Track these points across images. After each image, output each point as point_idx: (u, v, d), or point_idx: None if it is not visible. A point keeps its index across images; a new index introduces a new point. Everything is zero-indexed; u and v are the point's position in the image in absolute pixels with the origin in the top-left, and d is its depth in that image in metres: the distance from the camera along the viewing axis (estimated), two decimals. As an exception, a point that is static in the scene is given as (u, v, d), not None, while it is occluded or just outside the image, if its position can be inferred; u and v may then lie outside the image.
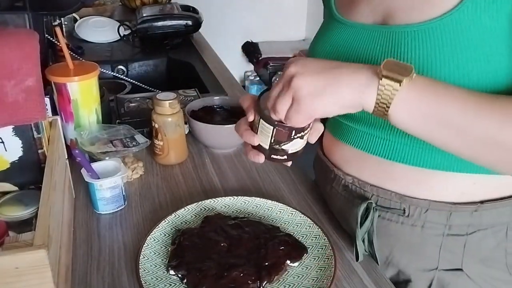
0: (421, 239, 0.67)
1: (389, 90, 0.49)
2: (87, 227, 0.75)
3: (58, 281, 0.52)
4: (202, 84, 1.38)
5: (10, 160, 0.68)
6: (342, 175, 0.72)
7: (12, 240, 0.54)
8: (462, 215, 0.64)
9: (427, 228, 0.66)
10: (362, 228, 0.68)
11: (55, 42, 1.22)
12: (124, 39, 1.74)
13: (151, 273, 0.63)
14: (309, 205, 0.81)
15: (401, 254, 0.70)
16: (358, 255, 0.67)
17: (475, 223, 0.64)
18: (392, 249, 0.70)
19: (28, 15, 0.91)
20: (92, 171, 0.77)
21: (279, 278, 0.62)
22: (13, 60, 0.63)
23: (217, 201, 0.78)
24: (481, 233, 0.65)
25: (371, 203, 0.67)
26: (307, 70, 0.53)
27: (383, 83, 0.49)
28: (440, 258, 0.67)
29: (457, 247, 0.66)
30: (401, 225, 0.67)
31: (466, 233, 0.65)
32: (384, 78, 0.49)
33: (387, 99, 0.50)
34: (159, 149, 0.92)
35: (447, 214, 0.64)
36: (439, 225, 0.65)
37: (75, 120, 0.89)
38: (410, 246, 0.68)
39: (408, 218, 0.66)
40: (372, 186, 0.67)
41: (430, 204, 0.64)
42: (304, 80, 0.52)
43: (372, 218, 0.67)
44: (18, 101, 0.64)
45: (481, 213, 0.63)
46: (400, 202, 0.66)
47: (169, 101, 0.88)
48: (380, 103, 0.50)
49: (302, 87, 0.52)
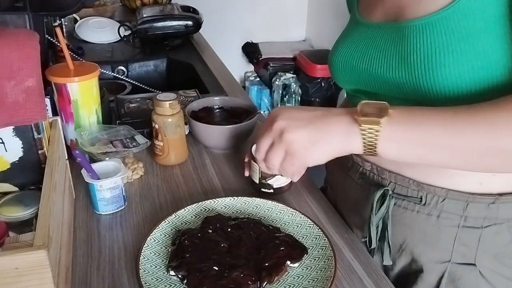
0: (436, 229, 0.67)
1: (372, 133, 0.52)
2: (87, 228, 0.75)
3: (58, 281, 0.52)
4: (202, 85, 1.38)
5: (10, 160, 0.68)
6: (360, 162, 0.73)
7: (12, 241, 0.54)
8: (478, 207, 0.64)
9: (443, 218, 0.66)
10: (377, 215, 0.68)
11: (55, 42, 1.22)
12: (124, 40, 1.74)
13: (151, 273, 0.63)
14: (309, 205, 0.81)
15: (415, 243, 0.69)
16: (371, 241, 0.67)
17: (491, 216, 0.64)
18: (406, 237, 0.70)
19: (29, 16, 0.91)
20: (92, 172, 0.77)
21: (279, 279, 0.62)
22: (13, 61, 0.63)
23: (217, 201, 0.78)
24: (496, 227, 0.65)
25: (387, 190, 0.68)
26: (295, 124, 0.56)
27: (364, 127, 0.52)
28: (453, 251, 0.67)
29: (472, 240, 0.66)
30: (417, 214, 0.67)
31: (481, 226, 0.65)
32: (362, 124, 0.52)
33: (372, 141, 0.53)
34: (159, 149, 0.92)
35: (464, 205, 0.64)
36: (455, 216, 0.65)
37: (75, 120, 0.89)
38: (425, 236, 0.68)
39: (425, 206, 0.66)
40: (391, 173, 0.68)
41: (448, 193, 0.64)
42: (296, 134, 0.56)
43: (388, 205, 0.68)
44: (18, 101, 0.64)
45: (498, 206, 0.64)
46: (418, 190, 0.66)
47: (169, 102, 0.88)
48: (367, 145, 0.53)
49: (294, 141, 0.56)
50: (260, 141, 0.61)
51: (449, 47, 0.56)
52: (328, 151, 0.56)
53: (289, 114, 0.58)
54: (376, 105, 0.54)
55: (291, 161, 0.58)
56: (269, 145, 0.59)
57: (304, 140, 0.56)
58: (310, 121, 0.56)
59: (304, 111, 0.58)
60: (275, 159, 0.59)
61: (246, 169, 0.82)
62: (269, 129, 0.59)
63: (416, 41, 0.58)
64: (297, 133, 0.56)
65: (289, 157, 0.57)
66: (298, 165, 0.58)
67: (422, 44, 0.57)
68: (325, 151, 0.56)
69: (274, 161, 0.59)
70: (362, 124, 0.53)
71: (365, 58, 0.66)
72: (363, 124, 0.53)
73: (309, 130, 0.56)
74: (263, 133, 0.60)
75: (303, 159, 0.57)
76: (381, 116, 0.52)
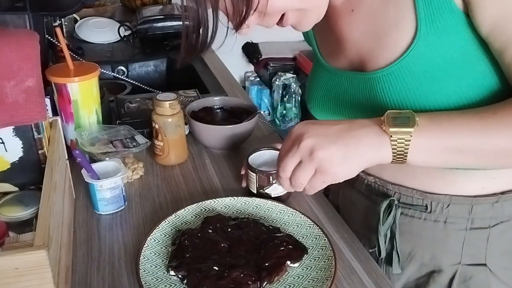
0: (444, 235, 0.67)
1: (402, 142, 0.53)
2: (87, 228, 0.75)
3: (58, 281, 0.52)
4: (202, 85, 1.38)
5: (11, 160, 0.68)
6: (364, 175, 0.74)
7: (12, 241, 0.54)
8: (483, 207, 0.65)
9: (450, 223, 0.67)
10: (385, 225, 0.69)
11: (55, 42, 1.22)
12: (124, 40, 1.74)
13: (151, 273, 0.63)
14: (309, 205, 0.81)
15: (424, 250, 0.70)
16: (381, 251, 0.68)
17: (497, 215, 0.66)
18: (414, 245, 0.71)
19: (29, 16, 0.91)
20: (93, 172, 0.77)
21: (279, 279, 0.62)
22: (13, 61, 0.63)
23: (217, 201, 0.78)
24: (503, 225, 0.66)
25: (393, 200, 0.69)
26: (324, 140, 0.55)
27: (394, 138, 0.52)
28: (463, 253, 0.68)
29: (480, 241, 0.67)
30: (424, 221, 0.68)
31: (489, 226, 0.66)
32: (393, 134, 0.52)
33: (402, 150, 0.53)
34: (159, 149, 0.92)
35: (468, 208, 0.65)
36: (461, 219, 0.66)
37: (75, 120, 0.89)
38: (433, 242, 0.69)
39: (431, 214, 0.68)
40: (394, 185, 0.69)
41: (451, 199, 0.66)
42: (327, 151, 0.55)
43: (395, 215, 0.69)
44: (18, 101, 0.64)
45: (502, 204, 0.65)
46: (422, 199, 0.67)
47: (169, 102, 0.88)
48: (397, 155, 0.54)
49: (326, 158, 0.55)
50: (286, 160, 0.59)
51: (415, 91, 0.57)
52: (359, 164, 0.56)
53: (315, 131, 0.57)
54: (402, 114, 0.54)
55: (322, 179, 0.57)
56: (296, 164, 0.58)
57: (336, 156, 0.55)
58: (338, 136, 0.55)
59: (329, 126, 0.57)
60: (304, 177, 0.58)
61: (243, 180, 0.82)
62: (295, 147, 0.58)
63: (383, 90, 0.59)
64: (328, 151, 0.55)
65: (320, 174, 0.57)
66: (329, 182, 0.57)
67: (390, 92, 0.59)
68: (356, 165, 0.56)
69: (303, 180, 0.58)
70: (393, 135, 0.53)
71: (340, 104, 0.68)
72: (393, 135, 0.53)
73: (339, 145, 0.55)
74: (287, 152, 0.59)
75: (335, 176, 0.56)
76: (411, 126, 0.52)
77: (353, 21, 0.64)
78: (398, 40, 0.58)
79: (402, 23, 0.57)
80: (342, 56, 0.68)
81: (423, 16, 0.55)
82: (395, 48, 0.59)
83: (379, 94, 0.60)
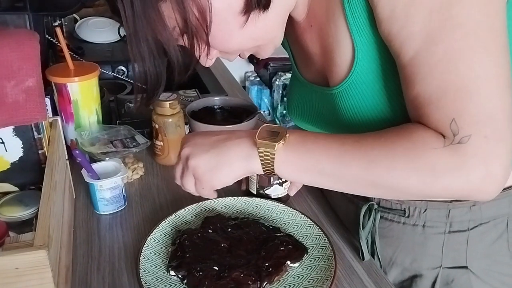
0: (424, 238, 0.67)
1: (268, 155, 0.56)
2: (87, 228, 0.75)
3: (58, 281, 0.52)
4: (203, 85, 1.38)
5: (11, 160, 0.68)
6: None
7: (12, 241, 0.54)
8: (461, 211, 0.65)
9: (428, 227, 0.67)
10: (365, 229, 0.69)
11: (55, 42, 1.22)
12: (124, 40, 1.73)
13: (151, 273, 0.63)
14: (309, 205, 0.81)
15: (404, 254, 0.70)
16: (364, 255, 0.68)
17: (475, 217, 0.65)
18: (395, 250, 0.71)
19: (29, 16, 0.91)
20: (93, 172, 0.77)
21: (279, 279, 0.62)
22: (13, 61, 0.63)
23: (217, 201, 0.78)
24: (483, 227, 0.66)
25: (372, 204, 0.69)
26: (198, 150, 0.61)
27: (261, 151, 0.56)
28: (443, 256, 0.67)
29: (460, 244, 0.66)
30: (403, 225, 0.68)
31: (467, 229, 0.66)
32: (260, 147, 0.56)
33: (269, 163, 0.56)
34: (160, 149, 0.92)
35: (446, 212, 0.65)
36: (440, 223, 0.66)
37: (76, 120, 0.89)
38: (413, 246, 0.69)
39: (409, 218, 0.68)
40: None
41: (427, 204, 0.66)
42: (198, 160, 0.60)
43: (374, 219, 0.69)
44: (18, 101, 0.64)
45: (480, 206, 0.65)
46: (400, 203, 0.68)
47: (169, 102, 0.88)
48: (265, 167, 0.57)
49: (198, 166, 0.60)
50: (174, 169, 0.65)
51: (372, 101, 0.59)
52: (232, 173, 0.59)
53: (194, 141, 0.62)
54: (275, 129, 0.57)
55: (201, 185, 0.62)
56: (181, 172, 0.63)
57: (206, 164, 0.59)
58: (212, 146, 0.60)
59: (208, 137, 0.62)
60: (188, 184, 0.63)
61: (243, 183, 0.82)
62: (179, 156, 0.64)
63: (343, 105, 0.62)
64: (198, 159, 0.60)
65: (198, 181, 0.61)
66: (208, 188, 0.62)
67: (349, 106, 0.61)
68: (228, 173, 0.59)
69: (188, 186, 0.63)
70: (260, 147, 0.56)
71: (313, 115, 0.72)
72: (260, 147, 0.56)
73: (210, 154, 0.59)
74: (177, 161, 0.65)
75: (210, 182, 0.60)
76: (277, 141, 0.55)
77: (313, 36, 0.66)
78: (343, 57, 0.60)
79: (342, 40, 0.59)
80: (312, 69, 0.70)
81: (355, 31, 0.56)
82: (343, 65, 0.60)
83: (341, 109, 0.63)
